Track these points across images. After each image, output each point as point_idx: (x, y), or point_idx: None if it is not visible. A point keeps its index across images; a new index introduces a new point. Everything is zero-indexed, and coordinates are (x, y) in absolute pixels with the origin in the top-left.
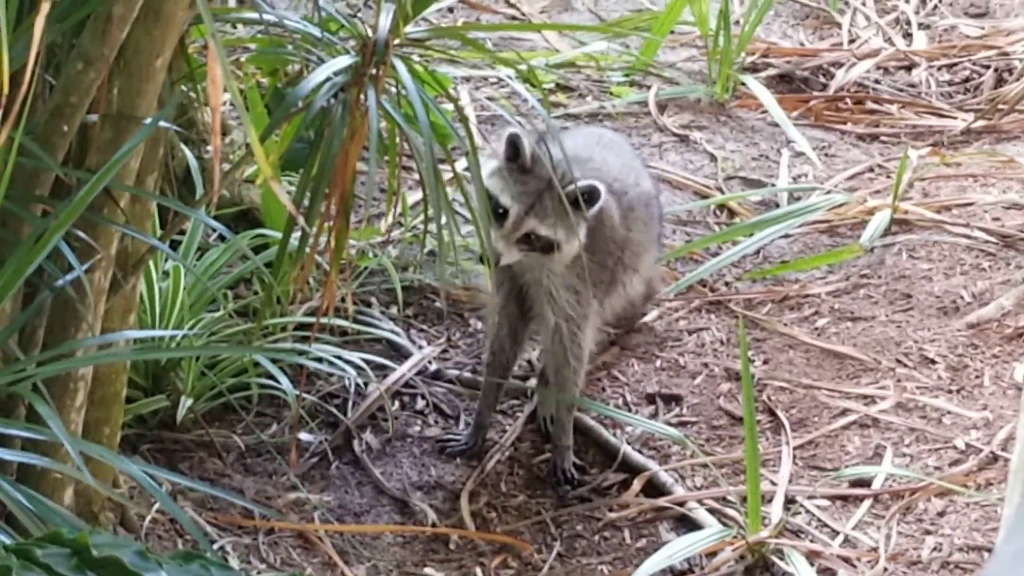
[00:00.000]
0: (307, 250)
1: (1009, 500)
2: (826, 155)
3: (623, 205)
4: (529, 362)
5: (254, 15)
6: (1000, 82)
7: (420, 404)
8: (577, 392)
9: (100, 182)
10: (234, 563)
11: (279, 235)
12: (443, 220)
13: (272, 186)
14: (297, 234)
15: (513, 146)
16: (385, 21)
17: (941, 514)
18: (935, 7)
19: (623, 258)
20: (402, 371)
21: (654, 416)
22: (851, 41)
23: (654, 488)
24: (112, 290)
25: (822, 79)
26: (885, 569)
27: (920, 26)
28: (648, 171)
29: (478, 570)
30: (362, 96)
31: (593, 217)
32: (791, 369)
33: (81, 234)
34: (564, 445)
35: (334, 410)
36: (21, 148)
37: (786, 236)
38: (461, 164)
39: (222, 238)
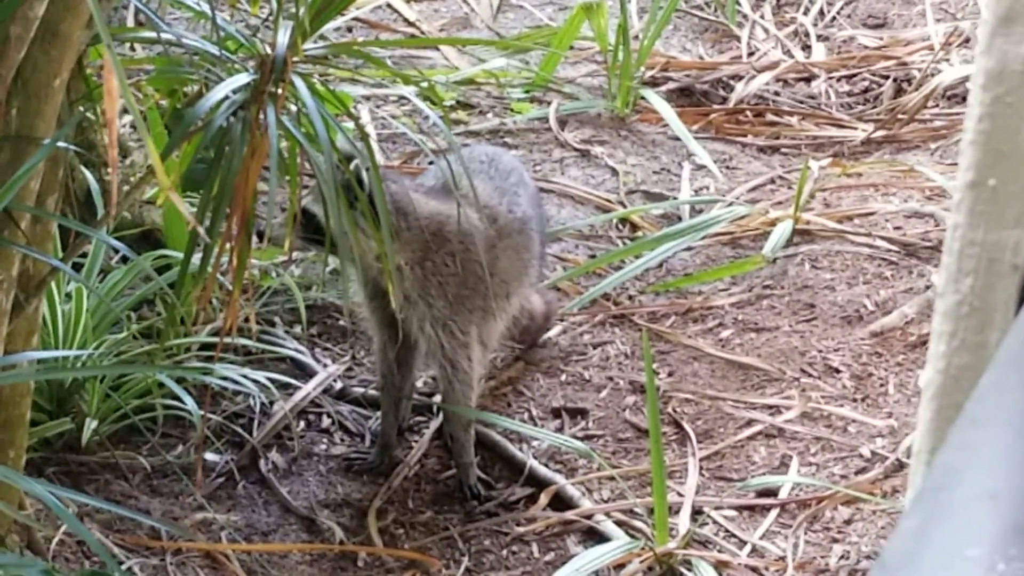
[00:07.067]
0: (209, 269)
1: (912, 483)
2: (727, 167)
3: (493, 232)
4: (434, 378)
5: (152, 34)
6: (899, 92)
7: (326, 422)
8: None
9: None
10: None
11: (181, 256)
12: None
13: (171, 198)
14: (199, 254)
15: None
16: (283, 38)
17: (848, 522)
18: (833, 19)
19: (492, 285)
20: (307, 390)
21: (560, 430)
22: (750, 54)
23: (561, 502)
24: (14, 312)
25: (722, 92)
26: None
27: (819, 38)
28: (530, 192)
29: None
30: (262, 114)
31: (461, 246)
32: (696, 381)
33: None
34: (467, 462)
35: (239, 430)
36: None
37: (689, 249)
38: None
39: (124, 259)
